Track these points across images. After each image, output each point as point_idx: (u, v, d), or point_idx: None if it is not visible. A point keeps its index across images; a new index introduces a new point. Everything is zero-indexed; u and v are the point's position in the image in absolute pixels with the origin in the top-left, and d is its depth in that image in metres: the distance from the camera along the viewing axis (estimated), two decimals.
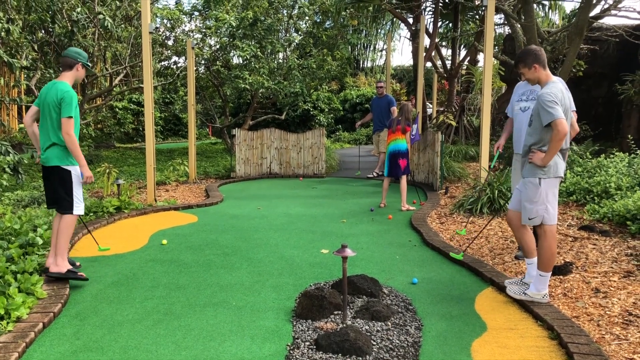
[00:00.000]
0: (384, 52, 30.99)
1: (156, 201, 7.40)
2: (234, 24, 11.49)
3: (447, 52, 19.51)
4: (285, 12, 14.23)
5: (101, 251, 4.98)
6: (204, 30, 12.96)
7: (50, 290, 3.80)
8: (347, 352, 2.84)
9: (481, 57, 13.72)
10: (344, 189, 9.16)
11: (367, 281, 3.78)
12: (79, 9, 9.75)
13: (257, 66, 12.10)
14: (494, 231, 5.61)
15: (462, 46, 18.02)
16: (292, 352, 2.91)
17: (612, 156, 7.14)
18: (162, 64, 14.01)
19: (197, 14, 13.90)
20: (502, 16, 13.08)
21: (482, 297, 3.78)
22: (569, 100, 3.53)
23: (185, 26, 13.81)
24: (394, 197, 7.76)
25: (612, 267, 4.10)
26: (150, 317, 3.43)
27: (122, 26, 12.11)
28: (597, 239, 4.85)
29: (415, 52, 12.30)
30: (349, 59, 16.04)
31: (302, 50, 15.02)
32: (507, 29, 15.36)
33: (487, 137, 7.08)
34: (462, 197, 6.95)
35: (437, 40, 13.14)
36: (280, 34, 14.29)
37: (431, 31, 12.89)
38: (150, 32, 7.06)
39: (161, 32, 13.07)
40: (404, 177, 7.14)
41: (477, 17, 14.71)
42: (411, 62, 17.21)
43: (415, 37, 11.90)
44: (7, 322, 3.18)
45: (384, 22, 18.00)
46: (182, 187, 9.38)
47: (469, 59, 14.36)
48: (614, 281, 3.82)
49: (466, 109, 13.75)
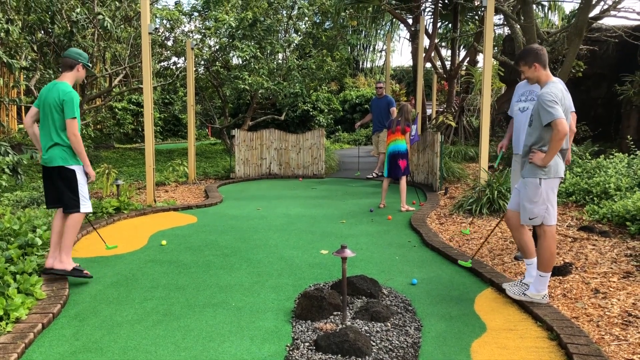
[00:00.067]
0: (383, 53, 31.03)
1: (155, 202, 7.39)
2: (234, 25, 11.49)
3: (446, 53, 19.57)
4: (284, 12, 14.24)
5: (109, 249, 5.01)
6: (203, 30, 12.96)
7: (49, 291, 3.79)
8: (346, 353, 2.84)
9: (480, 57, 13.71)
10: (344, 190, 9.16)
11: (366, 282, 3.78)
12: (79, 10, 9.75)
13: (257, 67, 12.10)
14: (493, 232, 5.61)
15: (461, 47, 18.06)
16: (291, 352, 2.90)
17: (611, 157, 7.14)
18: (162, 64, 14.02)
19: (196, 14, 13.90)
20: (502, 17, 13.10)
21: (482, 297, 3.78)
22: (568, 101, 3.54)
23: (184, 27, 13.82)
24: (394, 198, 7.76)
25: (611, 268, 4.10)
26: (149, 317, 3.43)
27: (122, 27, 12.11)
28: (596, 240, 4.85)
29: (414, 53, 12.32)
30: (348, 60, 16.05)
31: (301, 50, 15.02)
32: (506, 30, 15.39)
33: (487, 138, 7.08)
34: (461, 198, 6.95)
35: (436, 40, 13.15)
36: (279, 34, 14.29)
37: (431, 32, 12.90)
38: (149, 33, 7.06)
39: (161, 33, 13.07)
40: (403, 178, 7.14)
41: (476, 17, 14.73)
42: (410, 63, 17.23)
43: (414, 38, 11.91)
44: (6, 323, 3.18)
45: (384, 23, 18.01)
46: (182, 187, 9.38)
47: (468, 59, 14.38)
48: (614, 282, 3.82)
49: (465, 109, 13.76)
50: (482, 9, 10.72)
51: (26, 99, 12.03)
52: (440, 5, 13.32)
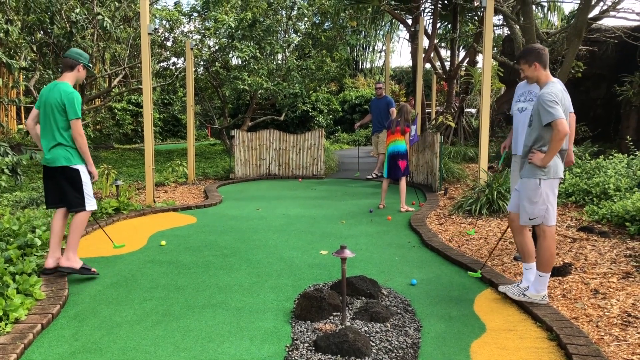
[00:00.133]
0: (383, 53, 31.06)
1: (155, 202, 7.39)
2: (233, 25, 11.49)
3: (446, 53, 19.57)
4: (284, 13, 14.25)
5: (116, 248, 5.04)
6: (202, 31, 12.96)
7: (48, 291, 3.79)
8: (346, 354, 2.84)
9: (480, 58, 13.74)
10: (343, 190, 9.16)
11: (366, 282, 3.77)
12: (78, 10, 9.75)
13: (256, 67, 12.10)
14: (492, 232, 5.61)
15: (461, 47, 18.08)
16: (291, 353, 2.90)
17: (610, 157, 7.15)
18: (161, 65, 14.02)
19: (196, 15, 13.90)
20: (501, 17, 13.11)
21: (481, 298, 3.78)
22: (568, 101, 3.54)
23: (184, 27, 13.83)
24: (393, 198, 7.76)
25: (611, 268, 4.10)
26: (149, 318, 3.42)
27: (121, 27, 12.12)
28: (596, 240, 4.86)
29: (414, 53, 12.32)
30: (347, 60, 16.06)
31: (301, 51, 15.03)
32: (506, 30, 15.39)
33: (486, 138, 7.08)
34: (461, 198, 6.95)
35: (436, 41, 13.17)
36: (279, 35, 14.30)
37: (430, 32, 12.91)
38: (149, 33, 7.06)
39: (160, 33, 13.07)
40: (403, 179, 7.14)
41: (476, 18, 14.74)
42: (410, 64, 17.24)
43: (414, 38, 11.91)
44: (6, 324, 3.17)
45: (383, 23, 18.03)
46: (181, 188, 9.38)
47: (468, 60, 14.40)
48: (613, 282, 3.82)
49: (465, 109, 13.77)
50: (482, 9, 10.74)
51: (25, 100, 12.05)
52: (439, 5, 13.33)
